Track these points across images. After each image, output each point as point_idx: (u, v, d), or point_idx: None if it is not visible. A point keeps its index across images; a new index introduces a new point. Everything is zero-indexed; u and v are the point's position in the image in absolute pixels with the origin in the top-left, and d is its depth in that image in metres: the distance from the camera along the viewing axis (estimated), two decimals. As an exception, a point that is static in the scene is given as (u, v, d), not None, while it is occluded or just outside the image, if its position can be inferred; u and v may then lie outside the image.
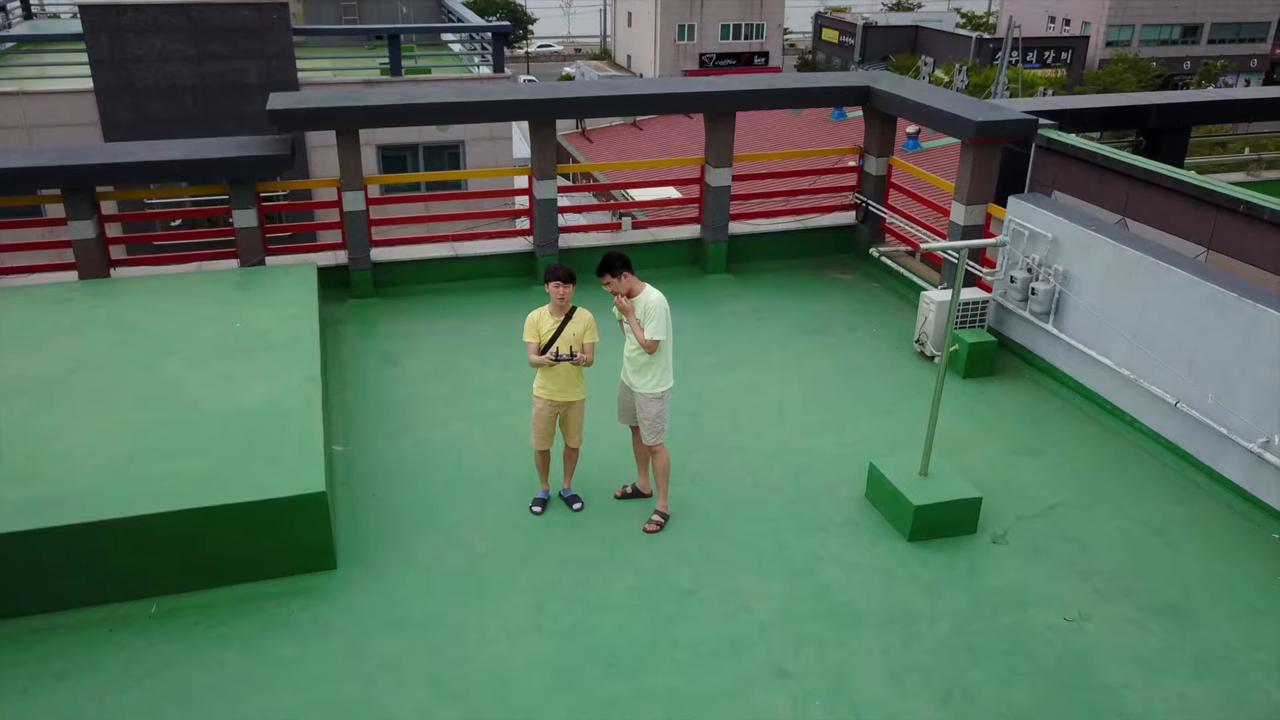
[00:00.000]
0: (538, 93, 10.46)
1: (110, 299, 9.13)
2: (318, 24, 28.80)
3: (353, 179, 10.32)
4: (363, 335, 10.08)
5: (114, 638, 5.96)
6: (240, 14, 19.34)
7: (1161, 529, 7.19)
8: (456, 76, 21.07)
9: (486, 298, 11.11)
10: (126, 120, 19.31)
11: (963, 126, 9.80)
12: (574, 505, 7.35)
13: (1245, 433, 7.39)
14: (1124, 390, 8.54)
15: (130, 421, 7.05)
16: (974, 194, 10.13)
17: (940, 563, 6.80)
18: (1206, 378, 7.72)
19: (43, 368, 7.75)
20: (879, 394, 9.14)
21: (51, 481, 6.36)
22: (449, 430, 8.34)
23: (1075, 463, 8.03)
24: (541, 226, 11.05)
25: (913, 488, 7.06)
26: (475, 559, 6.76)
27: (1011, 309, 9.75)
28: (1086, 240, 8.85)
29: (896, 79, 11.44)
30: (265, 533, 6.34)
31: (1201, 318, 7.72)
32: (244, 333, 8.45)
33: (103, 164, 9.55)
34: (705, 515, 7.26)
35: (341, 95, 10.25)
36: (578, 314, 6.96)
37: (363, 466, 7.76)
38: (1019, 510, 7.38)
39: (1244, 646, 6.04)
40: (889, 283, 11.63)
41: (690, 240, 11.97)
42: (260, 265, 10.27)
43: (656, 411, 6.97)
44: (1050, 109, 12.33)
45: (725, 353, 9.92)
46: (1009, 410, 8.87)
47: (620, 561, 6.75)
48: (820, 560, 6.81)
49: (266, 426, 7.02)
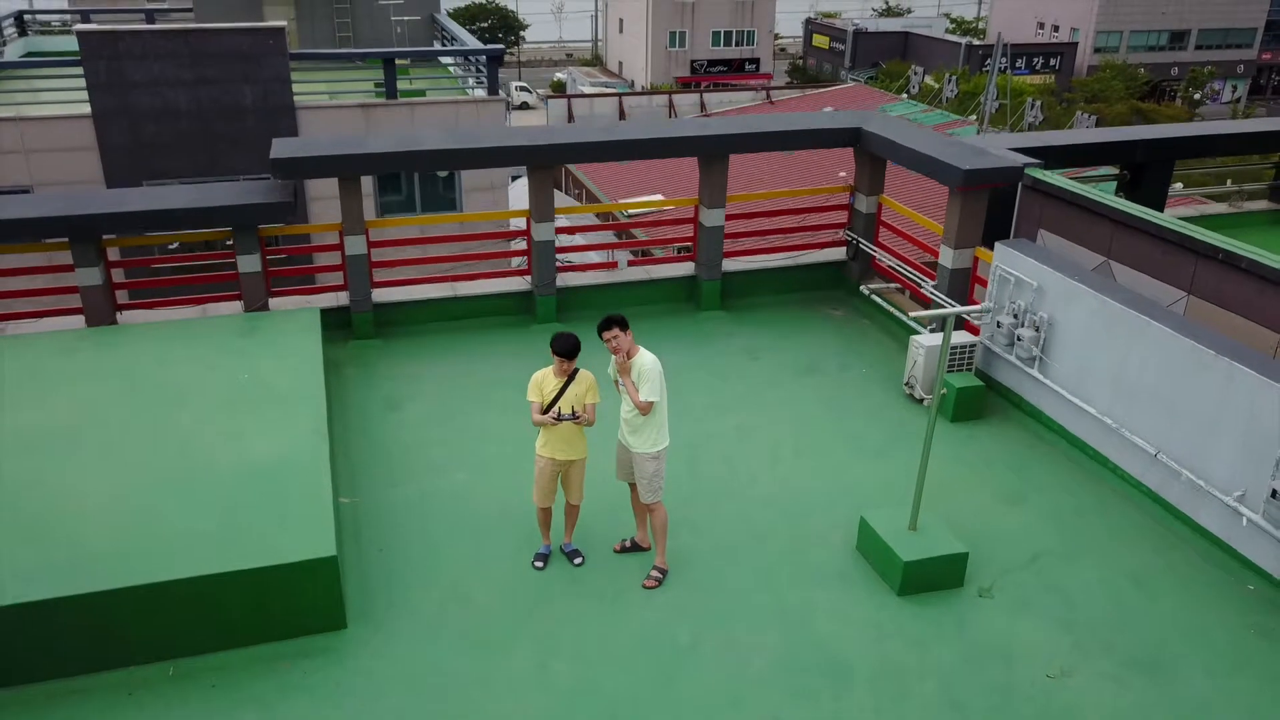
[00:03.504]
0: (534, 139, 10.68)
1: (118, 348, 9.32)
2: (311, 39, 29.05)
3: (354, 224, 10.53)
4: (365, 378, 10.29)
5: (133, 701, 6.17)
6: (236, 39, 19.53)
7: (1141, 579, 7.45)
8: (451, 99, 21.25)
9: (485, 337, 11.32)
10: (124, 144, 19.49)
11: (951, 174, 10.06)
12: (575, 560, 7.58)
13: (1222, 485, 7.66)
14: (1106, 438, 8.81)
15: (142, 479, 7.25)
16: (962, 238, 10.39)
17: (929, 617, 7.05)
18: (1185, 430, 8.00)
19: (55, 421, 7.95)
20: (870, 438, 9.40)
21: (66, 544, 6.56)
22: (451, 480, 8.55)
23: (1059, 510, 8.29)
24: (539, 267, 11.28)
25: (902, 543, 7.32)
26: (480, 615, 6.99)
27: (998, 353, 10.01)
28: (1070, 290, 9.12)
29: (887, 121, 11.70)
30: (278, 595, 6.56)
31: (1181, 372, 7.99)
32: (251, 384, 8.66)
33: (109, 213, 9.73)
34: (703, 567, 7.50)
35: (341, 142, 10.46)
36: (580, 375, 7.18)
37: (368, 518, 7.98)
38: (1005, 561, 7.64)
39: (1220, 702, 6.31)
40: (879, 319, 11.88)
41: (685, 277, 12.21)
42: (264, 310, 10.47)
43: (653, 471, 7.20)
44: (1037, 145, 12.58)
45: (719, 395, 10.16)
46: (996, 455, 9.13)
47: (621, 617, 6.98)
48: (814, 613, 7.06)
49: (276, 485, 7.23)
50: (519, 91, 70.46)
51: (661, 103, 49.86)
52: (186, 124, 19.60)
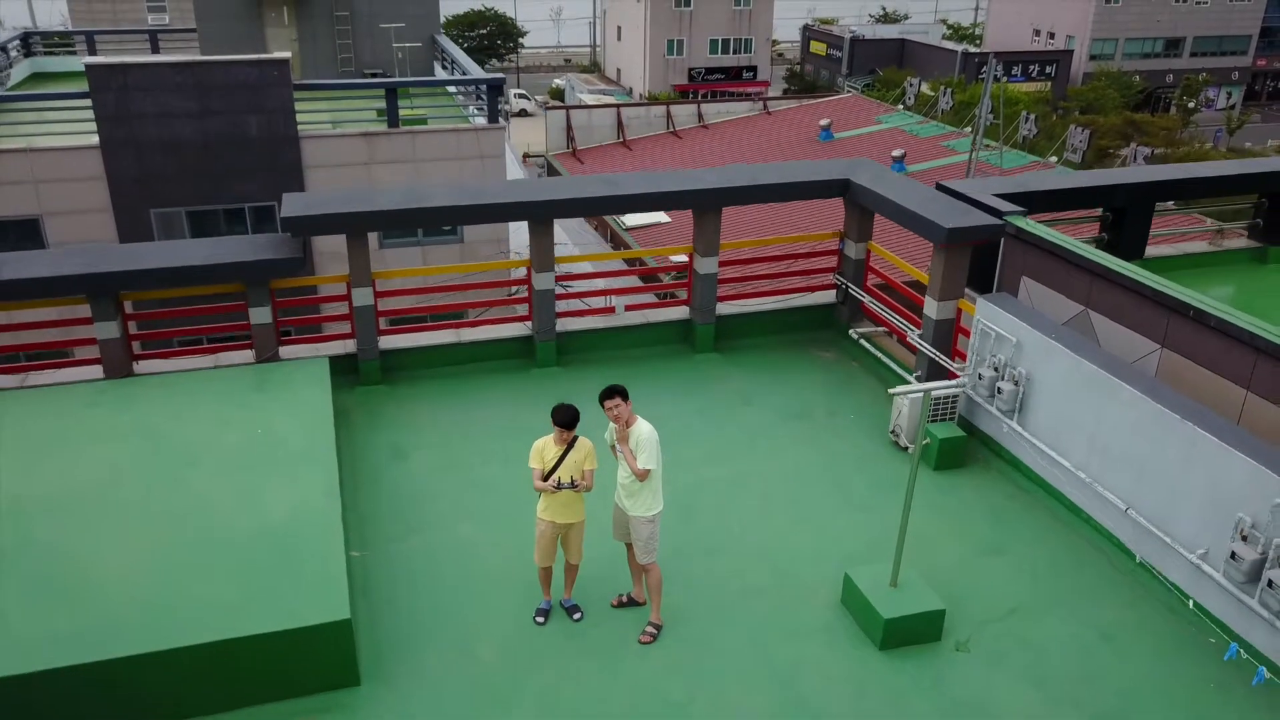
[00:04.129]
0: (536, 194, 11.09)
1: (136, 402, 9.71)
2: (313, 60, 29.48)
3: (361, 276, 10.94)
4: (372, 426, 10.70)
5: (159, 759, 6.58)
6: (242, 71, 19.93)
7: (1110, 633, 7.88)
8: (452, 128, 21.65)
9: (488, 381, 11.72)
10: (131, 174, 19.90)
11: (934, 231, 10.48)
12: (574, 615, 7.99)
13: (1186, 543, 8.08)
14: (1082, 491, 9.24)
15: (163, 543, 7.65)
16: (946, 291, 10.80)
17: (909, 671, 7.47)
18: (1153, 488, 8.42)
19: (77, 481, 8.35)
20: (857, 488, 9.81)
21: (93, 610, 6.95)
22: (455, 533, 8.96)
23: (1035, 563, 8.72)
24: (540, 314, 11.70)
25: (883, 600, 7.74)
26: (485, 671, 7.40)
27: (980, 403, 10.43)
28: (1048, 348, 9.54)
29: (874, 174, 12.10)
30: (294, 657, 6.97)
31: (1149, 433, 8.41)
32: (264, 440, 9.07)
33: (127, 271, 10.14)
34: (696, 624, 7.92)
35: (349, 198, 10.87)
36: (579, 443, 7.59)
37: (377, 572, 8.39)
38: (981, 615, 8.06)
39: (1178, 758, 6.73)
40: (868, 362, 12.30)
41: (680, 321, 12.62)
42: (275, 359, 10.88)
43: (648, 534, 7.62)
44: (1021, 190, 13.02)
45: (713, 443, 10.57)
46: (976, 506, 9.56)
47: (618, 674, 7.40)
48: (800, 669, 7.48)
49: (291, 547, 7.64)
50: (518, 99, 70.85)
51: (659, 114, 50.14)
52: (192, 154, 20.01)
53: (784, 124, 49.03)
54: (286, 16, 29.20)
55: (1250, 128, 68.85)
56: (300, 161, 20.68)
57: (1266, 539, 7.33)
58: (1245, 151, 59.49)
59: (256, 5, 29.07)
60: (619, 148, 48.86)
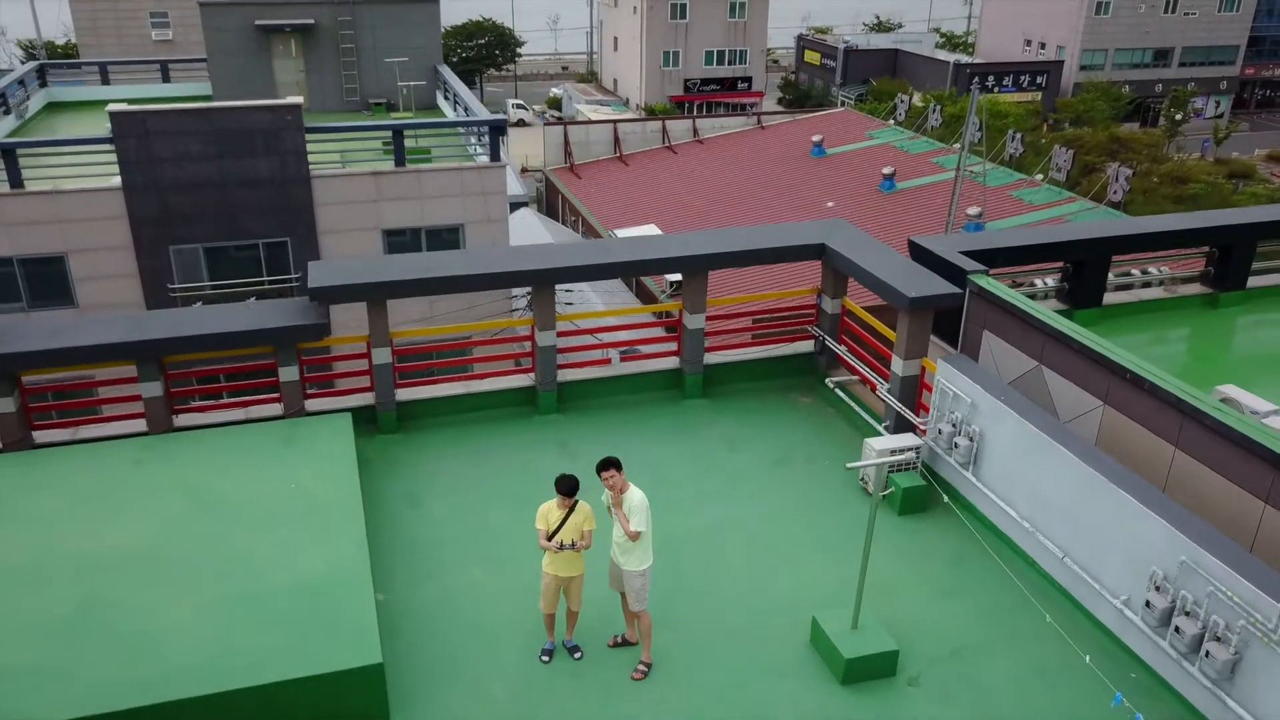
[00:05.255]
0: (541, 263, 12.20)
1: (178, 459, 10.76)
2: (320, 92, 30.56)
3: (380, 337, 12.04)
4: (390, 473, 11.79)
5: (219, 787, 7.68)
6: (256, 116, 21.03)
7: (1044, 670, 8.99)
8: (456, 165, 22.72)
9: (495, 429, 12.82)
10: (152, 214, 21.01)
11: (899, 299, 11.58)
12: (575, 655, 9.11)
13: (1112, 589, 9.20)
14: (1026, 538, 10.35)
15: (211, 596, 8.73)
16: (910, 351, 11.91)
17: (866, 704, 8.59)
18: (1085, 539, 9.54)
19: (133, 540, 9.41)
20: (830, 533, 10.89)
21: (152, 659, 8.02)
22: (468, 577, 10.06)
23: (984, 605, 9.83)
24: (542, 367, 12.81)
25: (844, 641, 8.86)
26: (497, 708, 8.50)
27: (941, 454, 11.54)
28: (998, 410, 10.65)
29: (848, 238, 13.18)
30: (333, 696, 8.07)
31: (1082, 492, 9.52)
32: (297, 494, 10.15)
33: (171, 338, 11.22)
34: (682, 663, 9.02)
35: (369, 269, 11.96)
36: (579, 506, 8.70)
37: (400, 616, 9.48)
38: (932, 654, 9.17)
39: (1094, 783, 7.85)
40: (842, 408, 13.39)
41: (671, 370, 13.73)
42: (301, 413, 11.97)
43: (640, 585, 8.73)
44: (987, 248, 14.13)
45: (699, 487, 11.67)
46: (935, 549, 10.66)
47: (614, 710, 8.51)
48: (773, 704, 8.59)
49: (327, 596, 8.73)
50: (515, 109, 71.94)
51: (655, 129, 51.27)
52: (209, 194, 21.12)
53: (777, 139, 50.14)
54: (294, 49, 30.30)
55: (1238, 137, 69.98)
56: (312, 200, 21.80)
57: (1175, 590, 8.44)
58: (1231, 162, 60.68)
59: (265, 39, 30.16)
60: (615, 163, 49.98)
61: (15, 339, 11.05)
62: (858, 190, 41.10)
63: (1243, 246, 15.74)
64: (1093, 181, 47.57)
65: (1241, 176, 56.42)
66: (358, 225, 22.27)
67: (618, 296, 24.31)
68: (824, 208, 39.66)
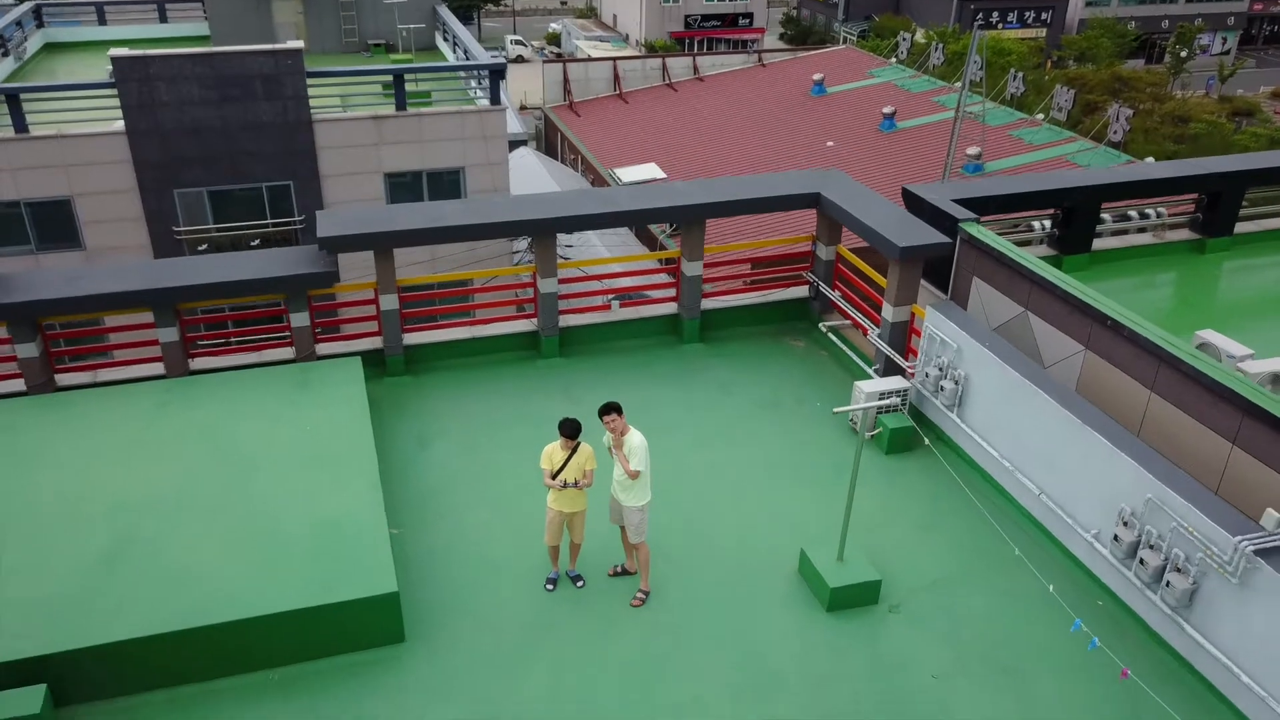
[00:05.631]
0: (542, 213, 12.55)
1: (199, 403, 11.23)
2: (319, 34, 30.46)
3: (387, 284, 12.45)
4: (399, 416, 12.31)
5: (253, 699, 8.33)
6: (258, 61, 21.12)
7: (1017, 598, 9.60)
8: (456, 109, 22.85)
9: (498, 373, 13.30)
10: (155, 158, 21.22)
11: (890, 248, 11.96)
12: (577, 583, 9.71)
13: (1083, 524, 9.77)
14: (1006, 476, 10.90)
15: (239, 533, 9.29)
16: (900, 298, 12.33)
17: (848, 631, 9.21)
18: (1060, 478, 10.09)
19: (162, 482, 9.93)
20: (819, 472, 11.43)
21: (192, 588, 8.63)
22: (476, 516, 10.61)
23: (962, 538, 10.41)
24: (544, 313, 13.25)
25: (831, 571, 9.45)
26: (504, 633, 9.11)
27: (928, 396, 12.04)
28: (982, 356, 11.12)
29: (843, 188, 13.50)
30: (354, 621, 8.68)
31: (1058, 435, 10.04)
32: (313, 437, 10.67)
33: (187, 285, 11.64)
34: (677, 592, 9.63)
35: (376, 218, 12.32)
36: (581, 448, 9.21)
37: (413, 549, 10.06)
38: (912, 583, 9.78)
39: (1058, 700, 8.49)
40: (834, 351, 13.87)
41: (669, 315, 14.17)
42: (312, 357, 12.44)
43: (639, 520, 9.30)
44: (980, 195, 14.47)
45: (697, 430, 12.19)
46: (918, 488, 11.22)
47: (613, 634, 9.13)
48: (762, 630, 9.21)
49: (346, 533, 9.28)
50: (514, 45, 71.16)
51: (655, 66, 50.88)
52: (212, 138, 21.31)
53: (778, 77, 49.81)
54: (292, -11, 30.10)
55: (1243, 74, 69.30)
56: (314, 144, 21.99)
57: (1141, 525, 9.01)
58: (1236, 99, 60.27)
59: (263, -21, 29.94)
60: (615, 101, 49.72)
61: (36, 287, 11.47)
62: (858, 130, 41.00)
63: (1231, 193, 16.07)
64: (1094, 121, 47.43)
65: (1245, 115, 56.12)
66: (360, 169, 22.48)
67: (619, 238, 24.59)
68: (824, 147, 39.65)
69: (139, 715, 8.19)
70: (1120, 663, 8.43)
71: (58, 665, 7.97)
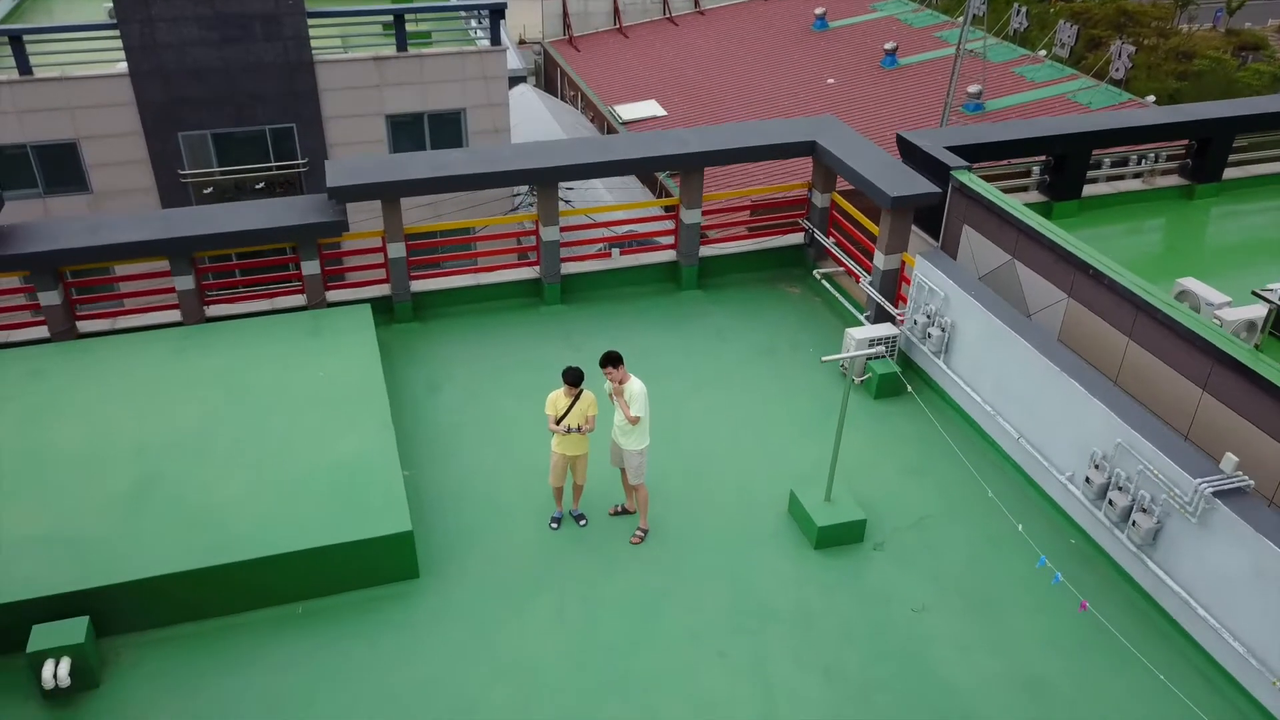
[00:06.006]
0: (544, 161, 12.87)
1: (215, 350, 11.70)
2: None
3: (395, 233, 12.83)
4: (408, 361, 12.79)
5: (277, 632, 8.96)
6: (258, 2, 21.10)
7: (995, 538, 10.19)
8: (457, 50, 22.90)
9: (503, 318, 13.77)
10: (159, 100, 21.39)
11: (881, 198, 12.31)
12: (580, 521, 10.31)
13: (1059, 467, 10.33)
14: (989, 420, 11.42)
15: (259, 475, 9.84)
16: (892, 246, 12.72)
17: (836, 567, 9.82)
18: (1038, 422, 10.61)
19: (183, 425, 10.45)
20: (811, 416, 11.95)
21: (217, 528, 9.21)
22: (483, 457, 11.17)
23: (946, 480, 10.97)
24: (547, 261, 13.65)
25: (819, 511, 10.03)
26: (511, 569, 9.73)
27: (916, 342, 12.51)
28: (968, 304, 11.55)
29: (838, 136, 13.77)
30: (371, 558, 9.28)
31: (1037, 381, 10.53)
32: (327, 382, 11.17)
33: (202, 235, 12.03)
34: (674, 531, 10.22)
35: (384, 167, 12.64)
36: (583, 395, 9.71)
37: (425, 489, 10.63)
38: (896, 523, 10.37)
39: (1026, 631, 9.13)
40: (828, 298, 14.30)
41: (668, 263, 14.56)
42: (323, 305, 12.88)
43: (638, 463, 9.84)
44: (973, 142, 14.75)
45: (694, 375, 12.69)
46: (905, 432, 11.75)
47: (614, 570, 9.74)
48: (753, 567, 9.82)
49: (362, 474, 9.84)
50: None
51: (656, 0, 50.29)
52: (215, 81, 21.43)
53: (779, 10, 49.24)
54: (288, -77, 29.70)
55: (1251, 6, 68.25)
56: (316, 86, 22.11)
57: (1111, 467, 9.55)
58: (1244, 32, 59.51)
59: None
60: (615, 35, 49.26)
61: (58, 236, 11.85)
62: (859, 66, 40.73)
63: (1219, 140, 16.32)
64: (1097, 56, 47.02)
65: (1252, 49, 55.46)
66: (362, 110, 22.63)
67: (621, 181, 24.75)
68: (825, 85, 39.49)
69: (171, 645, 8.82)
70: (1080, 596, 9.04)
71: (97, 599, 8.58)
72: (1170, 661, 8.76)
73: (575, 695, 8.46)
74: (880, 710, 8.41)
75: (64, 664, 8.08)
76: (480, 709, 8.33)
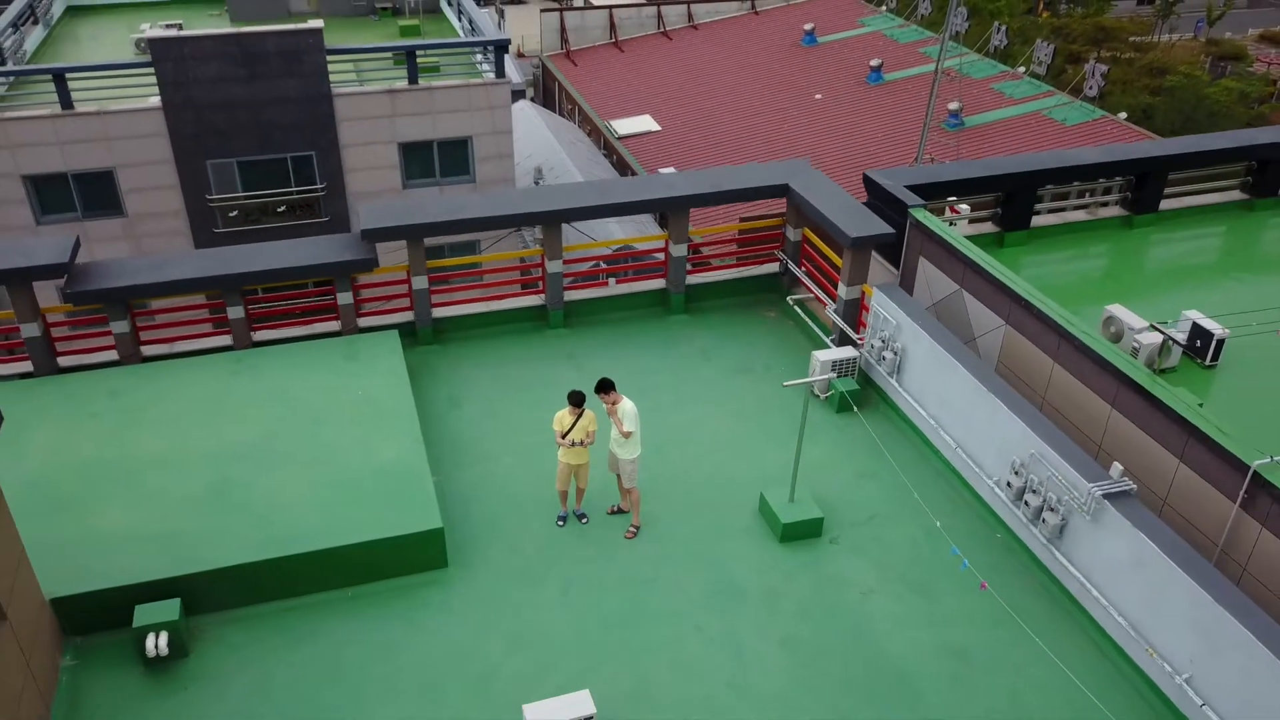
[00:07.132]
0: (551, 205, 14.74)
1: (268, 372, 13.53)
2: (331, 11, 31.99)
3: (419, 266, 14.68)
4: (432, 380, 14.63)
5: (332, 612, 10.80)
6: (282, 39, 22.95)
7: (934, 533, 12.04)
8: (464, 83, 24.71)
9: (513, 341, 15.60)
10: (190, 131, 23.19)
11: (843, 237, 14.17)
12: (582, 520, 12.17)
13: (989, 470, 12.20)
14: (932, 432, 13.29)
15: (312, 478, 11.69)
16: (853, 278, 14.58)
17: (796, 558, 11.69)
18: (972, 435, 12.48)
19: (246, 437, 12.31)
20: (779, 427, 13.79)
21: (281, 524, 11.05)
22: (501, 463, 13.02)
23: (896, 484, 12.82)
24: (551, 290, 15.50)
25: (783, 510, 11.90)
26: (526, 559, 11.58)
27: (873, 364, 14.37)
28: (915, 332, 13.41)
29: (808, 180, 15.61)
30: (408, 550, 11.13)
31: (970, 400, 12.40)
32: (365, 400, 13.00)
33: (252, 271, 13.86)
34: (662, 527, 12.08)
35: (410, 211, 14.49)
36: (586, 413, 11.56)
37: (451, 492, 12.46)
38: (851, 519, 12.23)
39: (957, 611, 10.99)
40: (800, 322, 16.15)
41: (658, 290, 16.41)
42: (355, 331, 14.72)
43: (631, 470, 11.70)
44: (930, 181, 16.61)
45: (680, 392, 14.54)
46: (863, 440, 13.61)
47: (611, 560, 11.60)
48: (728, 557, 11.67)
49: (398, 479, 11.69)
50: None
51: (651, 14, 52.06)
52: (242, 112, 23.24)
53: (770, 25, 51.10)
54: (303, -45, 31.53)
55: (1234, 15, 70.06)
56: (334, 116, 23.92)
57: (1027, 473, 11.42)
58: (1224, 42, 61.38)
59: (275, -55, 31.36)
60: (611, 49, 51.07)
61: (127, 274, 13.68)
62: (845, 82, 42.59)
63: (1155, 175, 18.17)
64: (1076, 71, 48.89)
65: (1231, 59, 57.31)
66: (376, 138, 24.45)
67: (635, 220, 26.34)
68: (813, 101, 41.34)
69: (245, 623, 10.65)
70: (981, 578, 10.94)
71: (186, 584, 10.41)
72: (1069, 632, 10.64)
73: (579, 661, 10.32)
74: (831, 674, 10.27)
75: (163, 637, 9.91)
76: (502, 673, 10.19)
